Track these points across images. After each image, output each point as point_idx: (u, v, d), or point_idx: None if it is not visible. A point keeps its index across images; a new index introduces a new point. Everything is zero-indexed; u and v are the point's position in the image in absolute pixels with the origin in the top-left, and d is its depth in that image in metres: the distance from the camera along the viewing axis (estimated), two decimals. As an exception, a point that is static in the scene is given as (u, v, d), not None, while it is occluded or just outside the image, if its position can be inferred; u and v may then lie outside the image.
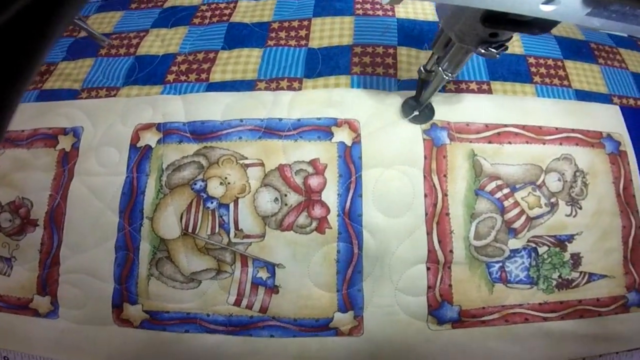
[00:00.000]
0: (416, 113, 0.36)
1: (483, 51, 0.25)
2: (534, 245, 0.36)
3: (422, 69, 0.33)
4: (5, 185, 0.38)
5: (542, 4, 0.20)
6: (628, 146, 0.39)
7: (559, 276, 0.35)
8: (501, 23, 0.23)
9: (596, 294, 0.36)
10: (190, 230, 0.34)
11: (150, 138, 0.37)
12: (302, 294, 0.34)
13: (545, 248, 0.36)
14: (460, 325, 0.34)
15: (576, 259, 0.36)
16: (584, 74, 0.42)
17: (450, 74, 0.30)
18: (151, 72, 0.40)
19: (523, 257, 0.35)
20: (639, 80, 0.44)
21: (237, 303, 0.34)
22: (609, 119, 0.40)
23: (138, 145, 0.37)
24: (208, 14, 0.44)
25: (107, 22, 0.45)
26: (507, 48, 0.25)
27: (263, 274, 0.34)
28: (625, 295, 0.36)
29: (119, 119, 0.38)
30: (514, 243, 0.35)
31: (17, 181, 0.38)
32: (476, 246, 0.35)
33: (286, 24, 0.43)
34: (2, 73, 0.11)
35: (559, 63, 0.42)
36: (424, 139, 0.36)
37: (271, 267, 0.34)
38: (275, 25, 0.43)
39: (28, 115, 0.40)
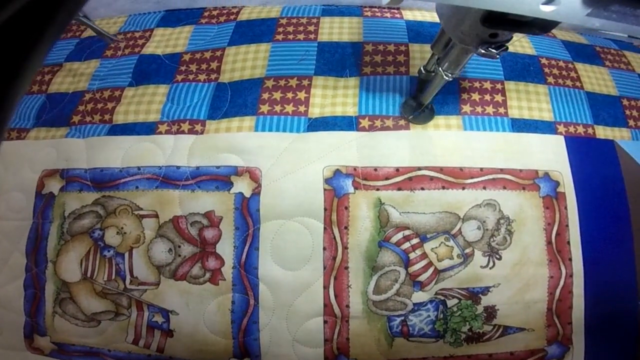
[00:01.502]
0: (416, 113, 0.35)
1: (483, 51, 0.24)
2: (442, 298, 0.33)
3: (422, 69, 0.32)
4: None
5: (542, 4, 0.19)
6: (568, 186, 0.34)
7: (469, 329, 0.33)
8: (501, 23, 0.22)
9: (510, 347, 0.33)
10: (89, 275, 0.34)
11: (53, 185, 0.36)
12: (197, 339, 0.33)
13: (455, 301, 0.33)
14: None
15: (490, 311, 0.33)
16: (526, 97, 0.37)
17: (450, 74, 0.29)
18: (59, 113, 0.39)
19: (429, 310, 0.33)
20: (594, 102, 0.38)
21: (135, 342, 0.34)
22: (548, 154, 0.35)
23: (43, 192, 0.36)
24: (122, 44, 0.42)
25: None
26: (507, 48, 0.25)
27: (158, 319, 0.34)
28: (544, 349, 0.33)
29: (27, 163, 0.37)
30: (420, 296, 0.32)
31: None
32: (375, 300, 0.32)
33: (198, 55, 0.39)
34: (2, 73, 0.11)
35: (498, 86, 0.37)
36: (324, 189, 0.33)
37: (165, 313, 0.33)
38: (187, 57, 0.39)
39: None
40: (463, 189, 0.33)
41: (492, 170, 0.34)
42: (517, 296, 0.32)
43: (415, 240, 0.32)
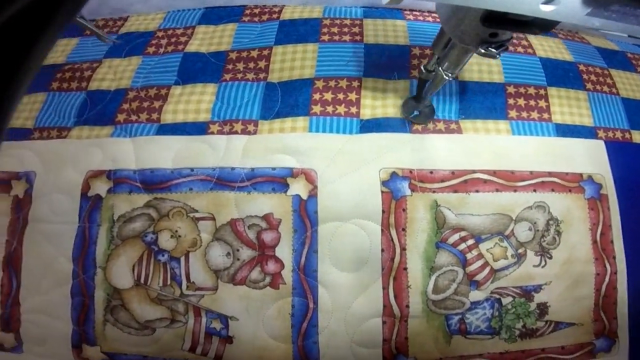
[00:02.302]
0: (417, 113, 0.35)
1: (483, 51, 0.24)
2: (497, 296, 0.33)
3: (422, 68, 0.32)
4: (-37, 229, 0.37)
5: (542, 3, 0.19)
6: (610, 188, 0.35)
7: (523, 326, 0.34)
8: (501, 23, 0.22)
9: (562, 341, 0.34)
10: (142, 281, 0.33)
11: (100, 187, 0.35)
12: (257, 345, 0.33)
13: (510, 299, 0.33)
14: None
15: (543, 308, 0.34)
16: (567, 104, 0.38)
17: (450, 74, 0.29)
18: (101, 111, 0.37)
19: (485, 308, 0.33)
20: (630, 108, 0.39)
21: (192, 350, 0.33)
22: (591, 158, 0.36)
23: (89, 194, 0.35)
24: (164, 41, 0.40)
25: (60, 51, 0.42)
26: (507, 48, 0.25)
27: (216, 325, 0.33)
28: (592, 342, 0.34)
29: (70, 164, 0.36)
30: (476, 295, 0.33)
31: (-25, 226, 0.37)
32: (434, 300, 0.33)
33: (245, 54, 0.39)
34: (1, 73, 0.11)
35: (542, 91, 0.38)
36: (382, 192, 0.33)
37: (224, 319, 0.33)
38: (234, 56, 0.39)
39: (-17, 157, 0.38)
40: (515, 191, 0.34)
41: (541, 173, 0.35)
42: (567, 293, 0.34)
43: (471, 241, 0.33)
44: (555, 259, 0.34)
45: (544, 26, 0.22)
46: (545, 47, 0.40)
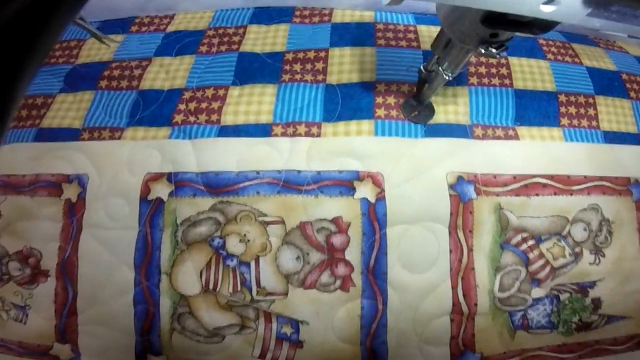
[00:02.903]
0: (416, 112, 0.35)
1: (483, 51, 0.24)
2: (556, 292, 0.35)
3: (422, 68, 0.32)
4: (10, 234, 0.36)
5: (543, 4, 0.19)
6: (654, 191, 0.37)
7: (579, 319, 0.35)
8: (501, 23, 0.22)
9: (614, 334, 0.36)
10: (211, 287, 0.33)
11: (161, 190, 0.34)
12: (326, 348, 0.33)
13: (567, 295, 0.35)
14: None
15: (597, 302, 0.36)
16: (614, 112, 0.39)
17: (450, 74, 0.29)
18: (156, 111, 0.36)
19: (545, 304, 0.35)
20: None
21: (262, 356, 0.33)
22: (637, 163, 0.38)
23: (149, 198, 0.34)
24: (215, 40, 0.39)
25: (105, 48, 0.40)
26: (507, 48, 0.25)
27: (287, 330, 0.33)
28: None
29: (126, 167, 0.35)
30: (537, 292, 0.35)
31: (23, 230, 0.35)
32: (500, 298, 0.34)
33: (301, 55, 0.38)
34: (1, 73, 0.11)
35: (590, 100, 0.39)
36: (450, 195, 0.33)
37: (295, 324, 0.33)
38: (289, 57, 0.38)
39: (27, 157, 0.37)
40: (571, 194, 0.35)
41: (594, 177, 0.36)
42: (618, 288, 0.35)
43: (531, 242, 0.34)
44: (607, 257, 0.35)
45: (544, 26, 0.22)
46: (590, 56, 0.42)
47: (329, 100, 0.36)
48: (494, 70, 0.39)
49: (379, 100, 0.36)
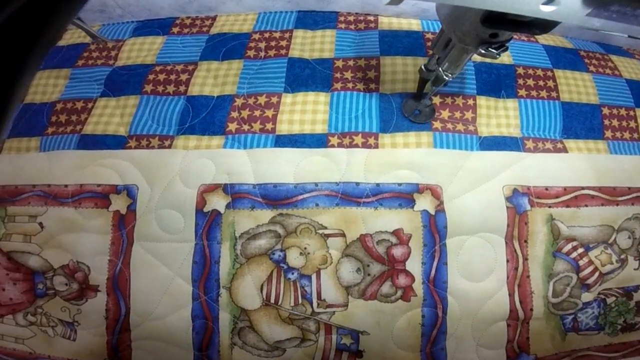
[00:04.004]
0: (417, 112, 0.36)
1: (483, 51, 0.25)
2: (603, 296, 0.37)
3: (423, 68, 0.32)
4: (54, 247, 0.35)
5: (542, 4, 0.19)
6: (688, 200, 0.40)
7: (624, 321, 0.38)
8: (501, 23, 0.22)
9: None
10: (272, 300, 0.33)
11: (217, 202, 0.34)
12: (386, 356, 0.34)
13: (614, 298, 0.37)
14: None
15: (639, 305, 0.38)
16: (651, 123, 0.42)
17: (450, 74, 0.30)
18: (209, 118, 0.36)
19: (594, 307, 0.37)
20: None
21: (321, 367, 0.34)
22: (674, 173, 0.40)
23: (205, 210, 0.33)
24: (262, 44, 0.39)
25: (146, 50, 0.39)
26: (507, 48, 0.25)
27: (347, 341, 0.34)
28: None
29: (179, 177, 0.34)
30: (587, 296, 0.37)
31: (68, 244, 0.35)
32: (553, 303, 0.36)
33: (351, 63, 0.38)
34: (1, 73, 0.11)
35: (631, 112, 0.41)
36: (507, 207, 0.35)
37: (355, 334, 0.34)
38: (339, 64, 0.38)
39: (70, 166, 0.36)
40: (617, 205, 0.37)
41: (637, 189, 0.38)
42: None
43: (581, 250, 0.36)
44: (648, 263, 0.38)
45: (544, 26, 0.22)
46: (629, 68, 0.43)
47: (384, 110, 0.37)
48: (541, 83, 0.40)
49: (436, 114, 0.37)
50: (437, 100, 0.37)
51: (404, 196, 0.34)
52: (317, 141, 0.35)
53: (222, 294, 0.33)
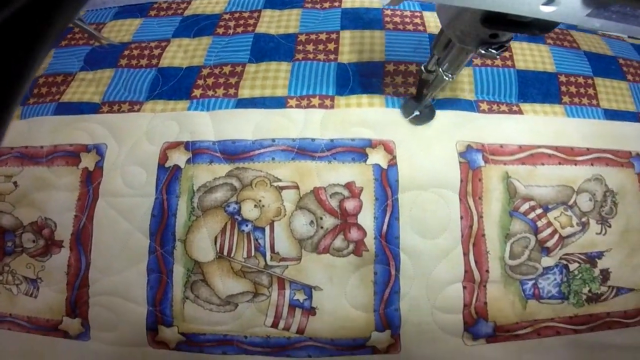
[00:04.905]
0: (417, 113, 0.37)
1: (483, 52, 0.25)
2: (565, 262, 0.37)
3: (422, 68, 0.33)
4: (26, 205, 0.37)
5: (542, 4, 0.20)
6: (655, 165, 0.40)
7: (589, 290, 0.37)
8: (501, 24, 0.23)
9: (624, 306, 0.37)
10: (225, 253, 0.34)
11: (178, 158, 0.36)
12: (340, 315, 0.34)
13: (576, 265, 0.37)
14: (494, 340, 0.35)
15: (605, 274, 0.37)
16: (612, 92, 0.43)
17: (450, 75, 0.30)
18: (176, 86, 0.39)
19: (555, 273, 0.37)
20: (665, 97, 0.45)
21: (275, 325, 0.34)
22: (637, 138, 0.41)
23: (166, 165, 0.36)
24: (231, 23, 0.43)
25: (125, 30, 0.44)
26: (507, 49, 0.25)
27: (300, 296, 0.34)
28: None
29: (145, 137, 0.37)
30: (547, 261, 0.36)
31: (39, 201, 0.37)
32: (511, 265, 0.35)
33: (314, 37, 0.42)
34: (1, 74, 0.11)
35: (589, 81, 0.43)
36: (460, 162, 0.36)
37: (308, 290, 0.34)
38: (303, 38, 0.42)
39: (46, 130, 0.39)
40: (575, 165, 0.38)
41: (597, 150, 0.39)
42: (626, 260, 0.37)
43: (539, 210, 0.36)
44: (614, 227, 0.38)
45: (544, 27, 0.22)
46: (588, 42, 0.46)
47: (341, 77, 0.39)
48: (496, 52, 0.42)
49: (388, 80, 0.39)
50: (390, 67, 0.40)
51: (357, 150, 0.36)
52: (277, 103, 0.38)
53: (177, 247, 0.34)
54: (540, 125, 0.39)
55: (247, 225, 0.35)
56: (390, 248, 0.34)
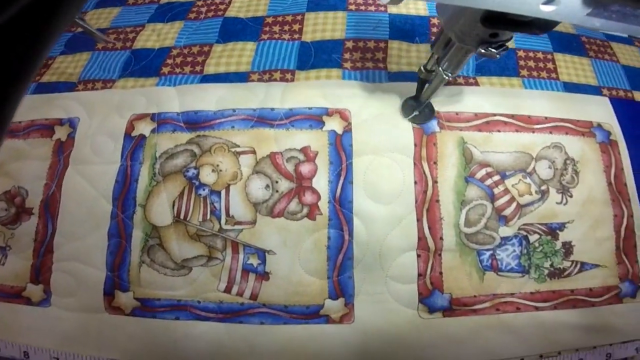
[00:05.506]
0: (416, 113, 0.37)
1: (483, 51, 0.25)
2: (524, 233, 0.37)
3: (422, 68, 0.34)
4: (2, 175, 0.40)
5: (542, 4, 0.20)
6: (619, 136, 0.41)
7: (551, 265, 0.36)
8: (501, 23, 0.23)
9: (589, 284, 0.37)
10: (182, 217, 0.36)
11: (144, 128, 0.38)
12: (293, 280, 0.35)
13: (537, 236, 0.37)
14: (451, 313, 0.35)
15: (568, 247, 0.37)
16: (573, 67, 0.44)
17: (450, 74, 0.31)
18: (147, 65, 0.42)
19: (514, 245, 0.36)
20: (630, 73, 0.46)
21: (228, 290, 0.35)
22: (598, 110, 0.41)
23: (132, 134, 0.38)
24: (203, 9, 0.47)
25: (104, 18, 0.48)
26: (507, 48, 0.26)
27: (254, 261, 0.35)
28: (618, 286, 0.37)
29: (115, 110, 0.40)
30: (505, 231, 0.36)
31: (14, 171, 0.40)
32: (466, 233, 0.36)
33: (280, 19, 0.45)
34: (2, 72, 0.11)
35: (549, 56, 0.44)
36: (413, 128, 0.37)
37: (262, 254, 0.35)
38: (270, 20, 0.45)
39: (25, 107, 0.42)
40: (533, 132, 0.39)
41: (555, 119, 0.40)
42: (589, 233, 0.37)
43: (496, 177, 0.37)
44: (575, 197, 0.38)
45: (544, 26, 0.23)
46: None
47: (303, 54, 0.42)
48: (455, 30, 0.44)
49: (347, 55, 0.42)
50: (350, 44, 0.42)
51: (314, 118, 0.38)
52: (239, 77, 0.40)
53: (137, 212, 0.36)
54: (496, 95, 0.40)
55: (204, 190, 0.36)
56: (344, 212, 0.35)
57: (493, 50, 0.25)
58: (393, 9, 0.46)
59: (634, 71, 0.46)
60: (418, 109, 0.37)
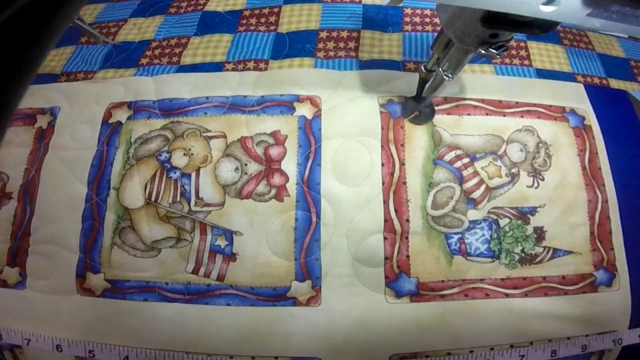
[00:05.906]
0: (416, 113, 0.38)
1: (483, 52, 0.26)
2: (494, 217, 0.37)
3: (422, 68, 0.34)
4: (-16, 162, 0.42)
5: (542, 4, 0.20)
6: (593, 121, 0.41)
7: (522, 250, 0.36)
8: (501, 24, 0.23)
9: (562, 271, 0.36)
10: (153, 199, 0.37)
11: (121, 115, 0.40)
12: (260, 261, 0.35)
13: (507, 220, 0.37)
14: (418, 299, 0.35)
15: (540, 233, 0.37)
16: (547, 54, 0.45)
17: (450, 75, 0.31)
18: (126, 57, 0.44)
19: (483, 228, 0.36)
20: (606, 62, 0.46)
21: (196, 271, 0.36)
22: (571, 96, 0.42)
23: (110, 121, 0.40)
24: (184, 3, 0.49)
25: (89, 14, 0.50)
26: (507, 49, 0.26)
27: (221, 242, 0.36)
28: (592, 274, 0.36)
29: (94, 99, 0.42)
30: (474, 214, 0.36)
31: (-3, 158, 0.42)
32: (434, 216, 0.36)
33: (257, 11, 0.47)
34: (3, 72, 0.11)
35: (522, 44, 0.45)
36: (381, 112, 0.38)
37: (229, 235, 0.36)
38: (247, 13, 0.47)
39: (11, 98, 0.44)
40: (504, 116, 0.39)
41: (527, 103, 0.40)
42: (562, 218, 0.37)
43: (466, 160, 0.37)
44: (547, 181, 0.38)
45: (544, 27, 0.23)
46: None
47: (277, 44, 0.44)
48: (427, 20, 0.46)
49: (320, 45, 0.43)
50: (324, 34, 0.44)
51: (285, 104, 0.39)
52: (214, 67, 0.42)
53: (111, 195, 0.37)
54: (467, 81, 0.41)
55: (175, 172, 0.37)
56: (312, 194, 0.36)
57: (493, 50, 0.26)
58: (367, 0, 0.47)
59: (610, 59, 0.47)
60: (419, 109, 0.38)
